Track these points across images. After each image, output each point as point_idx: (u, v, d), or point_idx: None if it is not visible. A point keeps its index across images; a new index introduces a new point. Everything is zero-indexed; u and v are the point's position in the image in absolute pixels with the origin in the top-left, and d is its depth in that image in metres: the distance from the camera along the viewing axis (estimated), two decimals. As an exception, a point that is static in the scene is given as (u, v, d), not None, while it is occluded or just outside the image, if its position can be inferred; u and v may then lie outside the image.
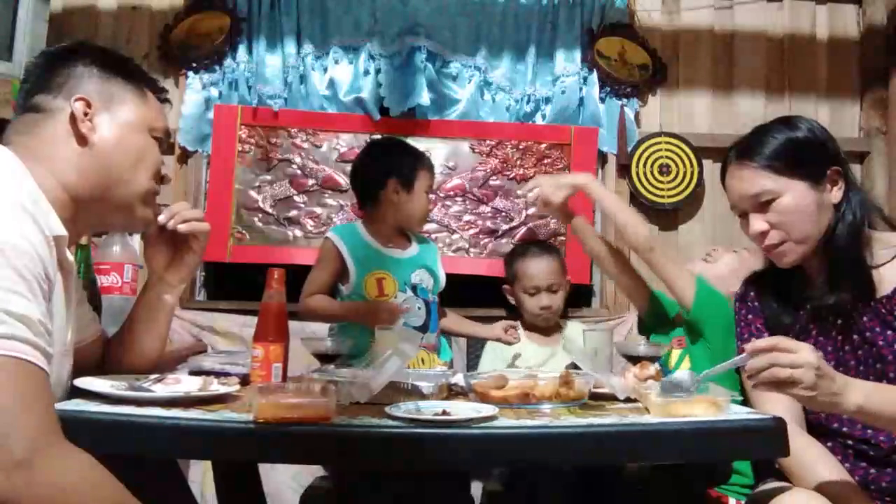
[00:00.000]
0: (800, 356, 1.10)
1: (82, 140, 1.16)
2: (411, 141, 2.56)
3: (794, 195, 1.36)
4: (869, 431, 1.34)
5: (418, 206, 2.07)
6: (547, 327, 2.28)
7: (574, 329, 2.30)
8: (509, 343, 2.24)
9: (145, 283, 1.39)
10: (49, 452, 0.89)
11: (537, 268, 2.23)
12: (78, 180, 1.16)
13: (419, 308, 2.03)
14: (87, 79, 1.20)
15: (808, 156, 1.39)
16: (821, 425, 1.37)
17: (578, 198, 1.93)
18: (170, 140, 1.34)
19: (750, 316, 1.48)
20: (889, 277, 1.35)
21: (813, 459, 1.29)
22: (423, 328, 2.02)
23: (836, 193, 1.38)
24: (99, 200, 1.19)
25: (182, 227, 1.33)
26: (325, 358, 1.54)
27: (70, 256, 1.13)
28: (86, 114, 1.17)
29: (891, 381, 1.30)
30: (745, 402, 1.31)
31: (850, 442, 1.35)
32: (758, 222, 1.39)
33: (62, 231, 1.08)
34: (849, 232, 1.36)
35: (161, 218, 1.31)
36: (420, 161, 2.11)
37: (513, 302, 2.33)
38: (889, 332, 1.32)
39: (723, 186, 1.49)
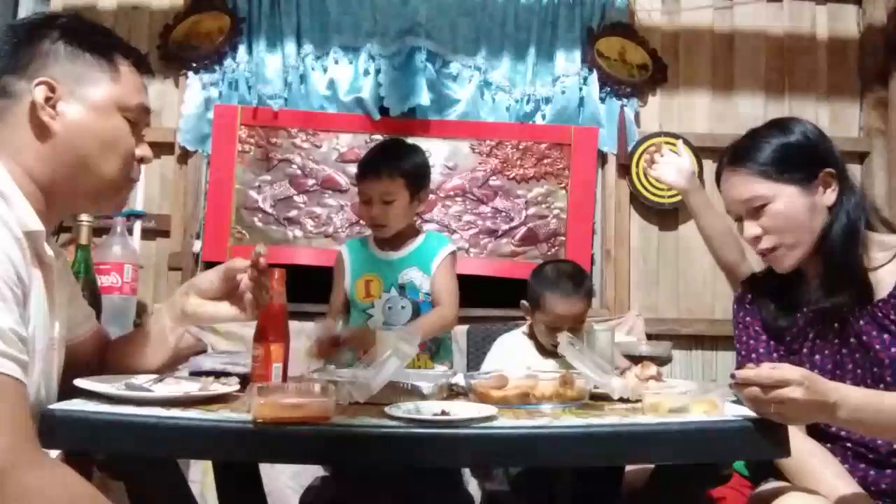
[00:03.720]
0: (784, 393, 1.07)
1: (44, 129, 1.08)
2: (411, 141, 2.54)
3: (785, 200, 1.36)
4: (867, 436, 1.34)
5: (359, 214, 2.04)
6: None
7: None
8: None
9: (159, 310, 1.34)
10: (24, 467, 0.85)
11: (563, 309, 1.93)
12: (43, 170, 1.09)
13: (403, 307, 2.03)
14: (53, 58, 1.10)
15: (800, 159, 1.38)
16: (818, 428, 1.37)
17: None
18: (149, 115, 1.25)
19: (748, 318, 1.48)
20: (886, 280, 1.34)
21: (811, 459, 1.29)
22: None
23: (829, 195, 1.37)
24: (67, 189, 1.12)
25: (248, 291, 1.31)
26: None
27: (49, 250, 1.09)
28: (48, 99, 1.08)
29: (888, 385, 1.29)
30: None
31: (848, 444, 1.35)
32: (751, 227, 1.39)
33: (37, 226, 1.04)
34: (843, 234, 1.35)
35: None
36: (359, 170, 2.05)
37: (528, 319, 2.08)
38: (886, 336, 1.31)
39: (718, 190, 1.49)
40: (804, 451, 1.28)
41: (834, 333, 1.37)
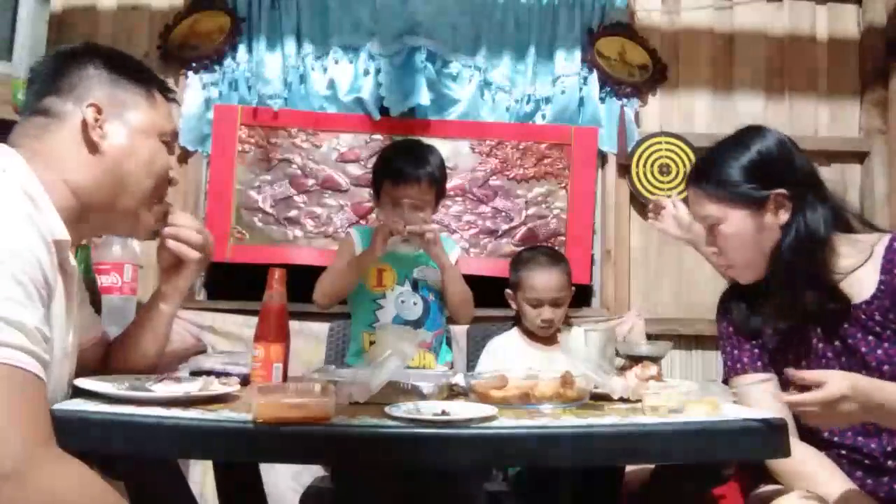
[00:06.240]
0: (841, 408, 1.12)
1: (93, 147, 1.16)
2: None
3: (732, 223, 1.39)
4: (860, 439, 1.33)
5: (385, 217, 2.01)
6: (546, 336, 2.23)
7: (575, 334, 2.26)
8: None
9: (154, 293, 1.39)
10: (41, 463, 0.88)
11: (542, 281, 2.07)
12: (88, 186, 1.15)
13: (415, 304, 2.04)
14: (98, 82, 1.19)
15: (752, 180, 1.39)
16: (812, 434, 1.37)
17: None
18: (177, 139, 1.32)
19: (731, 328, 1.48)
20: (865, 281, 1.33)
21: (808, 462, 1.28)
22: (418, 324, 2.02)
23: (782, 215, 1.37)
24: (107, 206, 1.19)
25: (170, 245, 1.30)
26: None
27: (73, 260, 1.13)
28: (96, 120, 1.16)
29: None
30: None
31: (843, 451, 1.34)
32: (710, 244, 1.45)
33: (64, 235, 1.08)
34: (794, 251, 1.35)
35: (166, 230, 1.29)
36: (382, 170, 2.04)
37: (514, 307, 2.21)
38: (871, 338, 1.31)
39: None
40: (799, 456, 1.27)
41: (818, 338, 1.37)
